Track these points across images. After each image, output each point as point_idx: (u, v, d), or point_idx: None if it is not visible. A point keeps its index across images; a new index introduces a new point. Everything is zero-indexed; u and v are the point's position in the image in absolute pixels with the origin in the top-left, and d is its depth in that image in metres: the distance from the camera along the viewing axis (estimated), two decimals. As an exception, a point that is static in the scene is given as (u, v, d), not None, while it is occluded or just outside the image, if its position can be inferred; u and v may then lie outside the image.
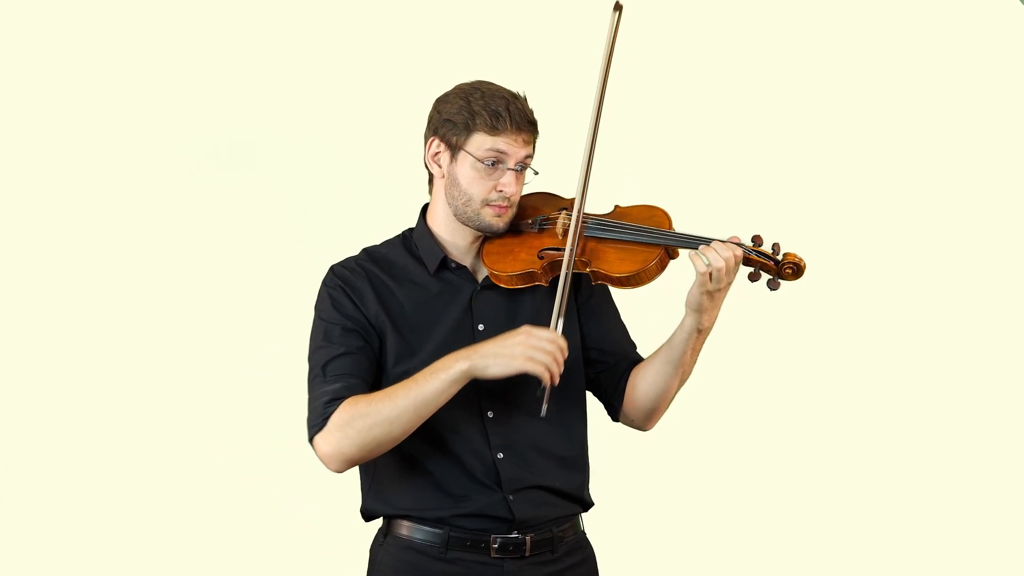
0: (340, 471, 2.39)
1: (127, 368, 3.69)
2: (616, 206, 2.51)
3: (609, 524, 2.84)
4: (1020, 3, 3.77)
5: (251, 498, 3.58)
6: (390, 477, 2.46)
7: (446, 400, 2.34)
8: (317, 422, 2.36)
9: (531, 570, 2.45)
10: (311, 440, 2.38)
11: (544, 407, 2.35)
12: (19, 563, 3.64)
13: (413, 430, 2.35)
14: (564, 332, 2.46)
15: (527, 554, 2.45)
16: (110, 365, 3.69)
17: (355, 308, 2.45)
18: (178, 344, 3.71)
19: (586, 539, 2.58)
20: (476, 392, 2.44)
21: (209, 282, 3.72)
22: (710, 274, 2.31)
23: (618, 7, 2.44)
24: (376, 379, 2.44)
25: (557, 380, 2.32)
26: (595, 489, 2.59)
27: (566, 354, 2.33)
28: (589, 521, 2.60)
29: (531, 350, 2.30)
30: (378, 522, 2.52)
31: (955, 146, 3.91)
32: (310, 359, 2.45)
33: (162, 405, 3.75)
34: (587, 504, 2.57)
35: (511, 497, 2.42)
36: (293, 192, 3.79)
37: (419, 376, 2.33)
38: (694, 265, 2.32)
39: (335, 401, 2.36)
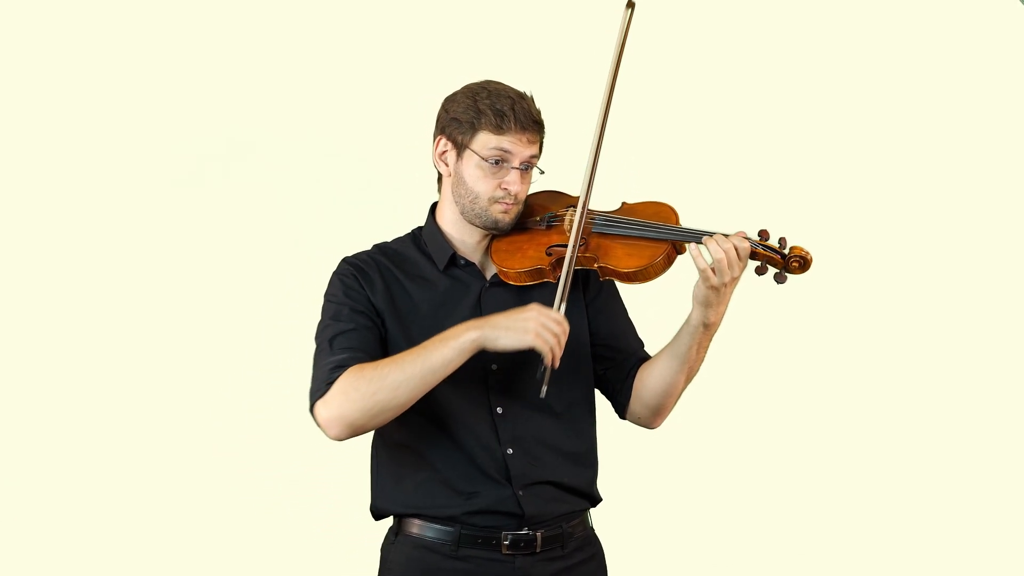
0: (340, 438, 2.35)
1: (138, 368, 3.70)
2: (623, 203, 2.52)
3: (618, 520, 2.84)
4: (1020, 3, 3.79)
5: (262, 498, 3.58)
6: (399, 475, 2.47)
7: (453, 369, 2.33)
8: (320, 387, 2.35)
9: (541, 566, 2.46)
10: (312, 407, 2.36)
11: (544, 388, 2.35)
12: (31, 562, 3.64)
13: (417, 398, 2.34)
14: (572, 329, 2.45)
15: (537, 550, 2.46)
16: (123, 366, 3.70)
17: (365, 293, 2.46)
18: (189, 343, 3.72)
19: (595, 536, 2.59)
20: (486, 388, 2.47)
21: (222, 282, 3.73)
22: (712, 268, 2.32)
23: (631, 4, 2.45)
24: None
25: (558, 363, 2.33)
26: (603, 485, 2.60)
27: (566, 338, 2.33)
28: (598, 517, 2.60)
29: (541, 328, 2.31)
30: (388, 521, 2.53)
31: (957, 143, 3.91)
32: (317, 337, 2.45)
33: (172, 404, 3.75)
34: (596, 500, 2.58)
35: (520, 492, 2.43)
36: (305, 191, 3.80)
37: (428, 343, 2.33)
38: (695, 263, 2.33)
39: (340, 368, 2.35)
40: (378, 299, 2.46)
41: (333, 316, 2.44)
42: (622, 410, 2.60)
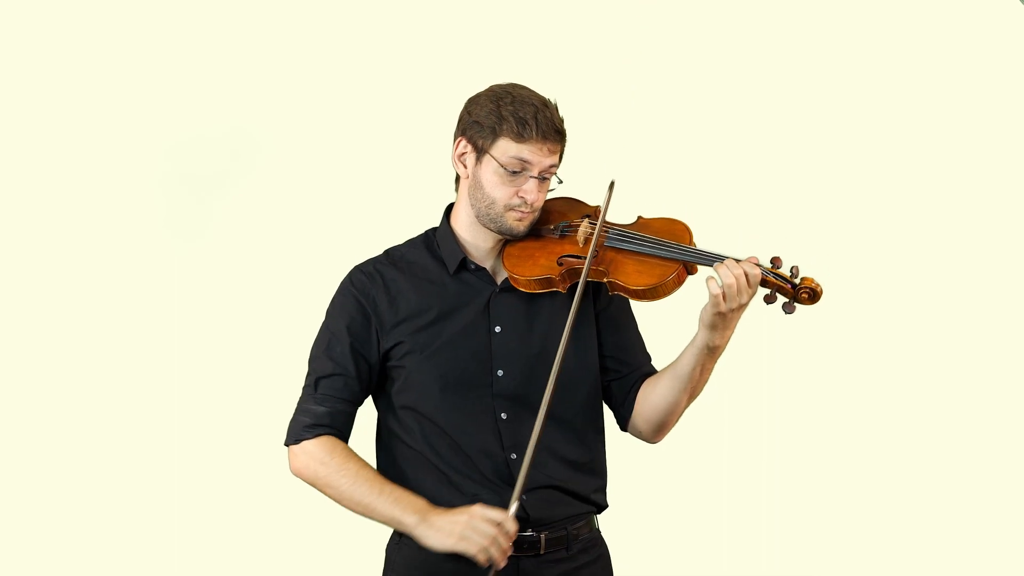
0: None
1: (142, 367, 3.69)
2: (639, 216, 2.51)
3: (624, 525, 2.84)
4: (1020, 3, 3.78)
5: (268, 499, 3.59)
6: (404, 477, 2.48)
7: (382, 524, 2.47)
8: (294, 435, 2.49)
9: (546, 568, 2.48)
10: (287, 443, 2.51)
11: None
12: (31, 562, 3.65)
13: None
14: (581, 340, 2.50)
15: (541, 552, 2.47)
16: (129, 366, 3.69)
17: (362, 323, 2.49)
18: (193, 343, 3.71)
19: (601, 538, 2.59)
20: (491, 396, 2.47)
21: (228, 280, 3.71)
22: (723, 294, 2.30)
23: (612, 185, 2.47)
24: (377, 383, 2.52)
25: (501, 562, 2.34)
26: (611, 488, 2.59)
27: (513, 537, 2.34)
28: (604, 522, 2.60)
29: (468, 530, 2.34)
30: (393, 523, 2.57)
31: (957, 143, 3.86)
32: (310, 362, 2.53)
33: (176, 404, 3.75)
34: (602, 507, 2.58)
35: (524, 497, 2.43)
36: (318, 191, 3.77)
37: (384, 492, 2.42)
38: (707, 286, 2.31)
39: (315, 428, 2.47)
40: (382, 315, 2.49)
41: (327, 348, 2.50)
42: (624, 423, 2.60)
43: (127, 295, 3.69)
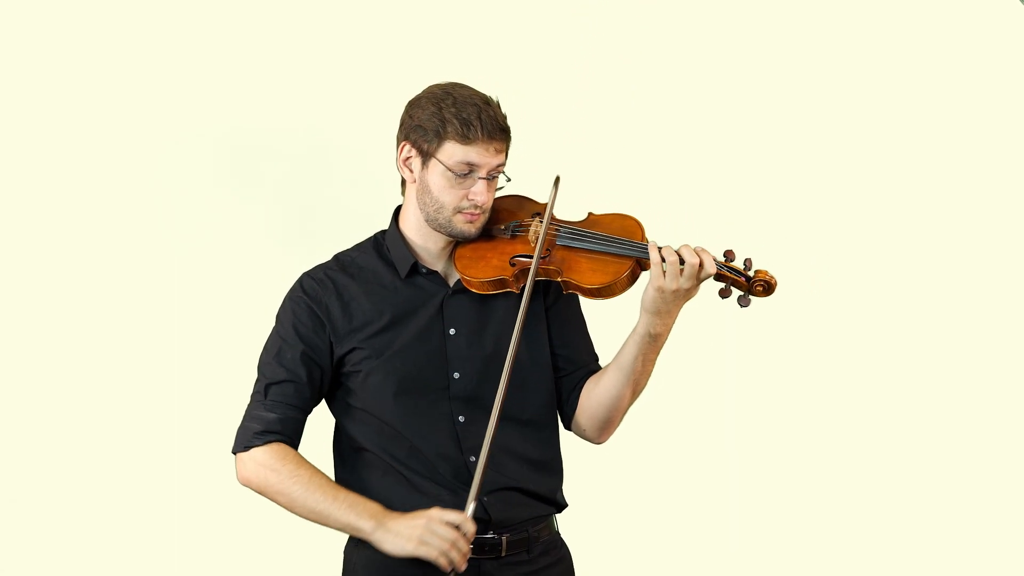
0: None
1: (128, 367, 3.68)
2: (590, 213, 2.49)
3: (584, 525, 2.84)
4: (1020, 3, 3.73)
5: (225, 501, 3.58)
6: (363, 480, 2.47)
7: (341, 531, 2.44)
8: (241, 444, 2.45)
9: (507, 570, 2.47)
10: (233, 450, 2.47)
11: None
12: (32, 562, 3.66)
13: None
14: (534, 338, 2.49)
15: (503, 554, 2.47)
16: (115, 365, 3.69)
17: (314, 328, 2.46)
18: (176, 344, 3.70)
19: (561, 539, 2.59)
20: (448, 399, 2.46)
21: (212, 281, 3.70)
22: (664, 269, 2.29)
23: (557, 180, 2.45)
24: (332, 389, 2.50)
25: (461, 566, 2.33)
26: (569, 490, 2.59)
27: (471, 539, 2.33)
28: (564, 522, 2.60)
29: (427, 535, 2.32)
30: (351, 524, 2.55)
31: (956, 143, 3.84)
32: (259, 368, 2.50)
33: (161, 405, 3.75)
34: (561, 506, 2.58)
35: (485, 499, 2.43)
36: (299, 192, 3.76)
37: (339, 498, 2.40)
38: (650, 256, 2.31)
39: (265, 434, 2.44)
40: (335, 322, 2.46)
41: (277, 355, 2.47)
42: (567, 421, 2.58)
43: (126, 295, 3.69)
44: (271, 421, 2.44)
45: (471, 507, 2.33)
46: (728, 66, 3.82)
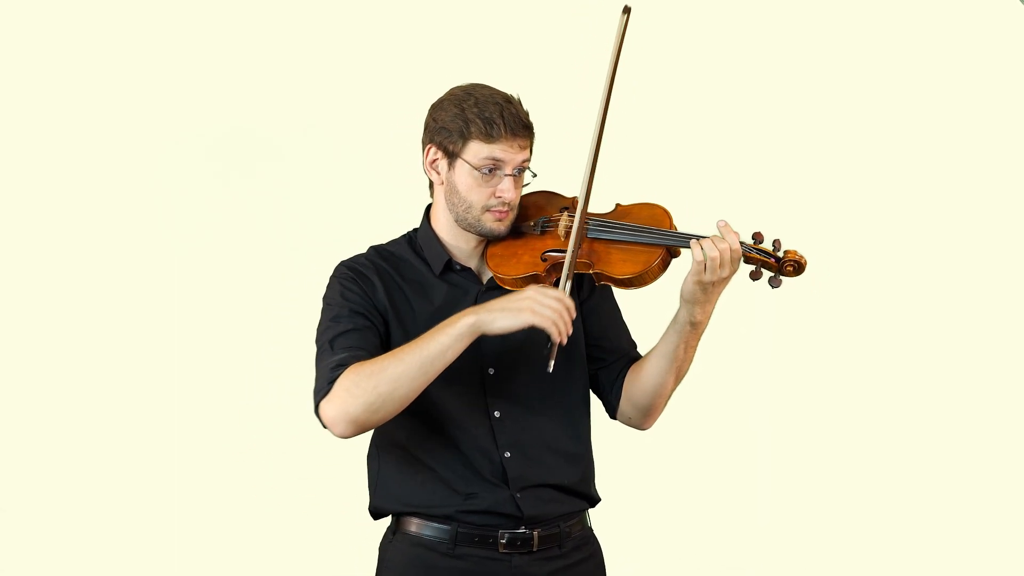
0: (346, 435, 2.35)
1: (138, 368, 3.70)
2: (617, 204, 2.51)
3: (616, 520, 2.84)
4: (1020, 3, 3.78)
5: (262, 498, 3.58)
6: (397, 475, 2.48)
7: (452, 357, 2.31)
8: (323, 387, 2.34)
9: (538, 565, 2.47)
10: (316, 407, 2.36)
11: (551, 363, 2.32)
12: (32, 562, 3.65)
13: (419, 390, 2.32)
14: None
15: (534, 549, 2.47)
16: (123, 367, 3.70)
17: (363, 296, 2.45)
18: (188, 344, 3.71)
19: (593, 535, 2.60)
20: (483, 392, 2.48)
21: (221, 283, 3.72)
22: (705, 264, 2.31)
23: (627, 10, 2.43)
24: None
25: (565, 338, 2.30)
26: (602, 486, 2.60)
27: (573, 314, 2.31)
28: (596, 517, 2.61)
29: (537, 304, 2.29)
30: (386, 520, 2.54)
31: (954, 144, 3.89)
32: (317, 340, 2.44)
33: (171, 405, 3.75)
34: (594, 500, 2.59)
35: (518, 495, 2.45)
36: (301, 192, 3.78)
37: (425, 334, 2.32)
38: (692, 253, 2.33)
39: (341, 367, 2.33)
40: (379, 301, 2.46)
41: (333, 318, 2.43)
42: (612, 411, 2.60)
43: (126, 295, 3.69)
44: (343, 357, 2.36)
45: (568, 285, 2.33)
46: (747, 59, 3.90)
